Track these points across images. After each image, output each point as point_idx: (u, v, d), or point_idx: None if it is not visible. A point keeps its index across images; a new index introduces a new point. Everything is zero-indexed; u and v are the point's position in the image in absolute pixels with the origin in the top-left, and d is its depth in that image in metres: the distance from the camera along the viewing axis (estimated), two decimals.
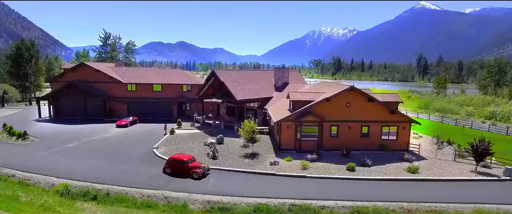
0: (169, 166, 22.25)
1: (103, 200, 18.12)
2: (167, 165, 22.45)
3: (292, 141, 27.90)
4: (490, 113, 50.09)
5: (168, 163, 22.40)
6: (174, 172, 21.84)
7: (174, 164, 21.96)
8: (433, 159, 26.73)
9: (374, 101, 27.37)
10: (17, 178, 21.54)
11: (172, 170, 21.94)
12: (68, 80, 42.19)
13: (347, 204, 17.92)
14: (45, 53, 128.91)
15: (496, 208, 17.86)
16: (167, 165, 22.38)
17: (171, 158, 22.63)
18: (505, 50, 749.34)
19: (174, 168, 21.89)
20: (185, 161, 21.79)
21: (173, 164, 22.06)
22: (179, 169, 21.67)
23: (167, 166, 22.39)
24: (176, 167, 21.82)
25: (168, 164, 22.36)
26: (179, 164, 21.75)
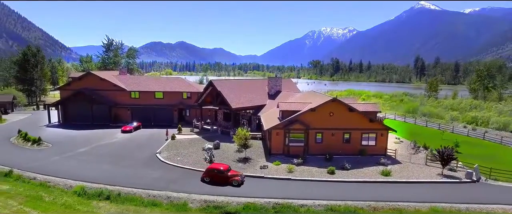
0: (207, 175, 23.92)
1: (115, 199, 21.24)
2: (205, 174, 24.10)
3: (281, 147, 31.03)
4: (472, 118, 53.20)
5: (206, 173, 24.05)
6: (213, 181, 23.58)
7: (213, 174, 23.72)
8: (407, 163, 29.85)
9: (354, 111, 30.46)
10: (38, 180, 24.64)
11: (211, 179, 23.67)
12: (75, 88, 45.31)
13: (323, 203, 21.03)
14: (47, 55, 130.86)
15: (449, 206, 20.98)
16: (206, 175, 24.03)
17: (209, 168, 24.33)
18: (504, 50, 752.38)
19: (213, 177, 23.65)
20: (224, 171, 23.66)
21: (211, 173, 23.81)
22: (218, 178, 23.50)
23: (205, 176, 24.04)
24: (216, 176, 23.60)
25: (207, 173, 24.03)
26: (219, 173, 23.57)
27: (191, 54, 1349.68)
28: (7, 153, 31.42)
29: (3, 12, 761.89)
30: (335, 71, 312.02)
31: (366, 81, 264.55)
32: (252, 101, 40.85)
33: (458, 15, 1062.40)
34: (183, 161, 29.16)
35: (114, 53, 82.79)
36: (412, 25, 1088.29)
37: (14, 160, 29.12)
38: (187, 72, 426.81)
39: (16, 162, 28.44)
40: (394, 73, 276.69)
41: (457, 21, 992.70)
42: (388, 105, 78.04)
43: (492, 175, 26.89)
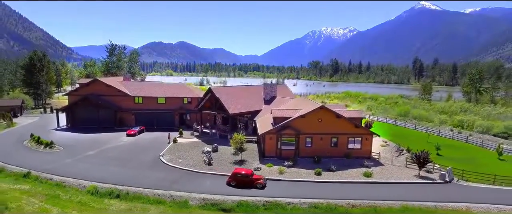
0: (233, 179, 25.88)
1: (124, 198, 24.04)
2: (231, 179, 26.08)
3: (274, 150, 33.81)
4: (459, 121, 55.86)
5: (232, 177, 26.00)
6: (238, 184, 25.66)
7: (239, 178, 25.75)
8: (389, 165, 32.61)
9: (341, 118, 33.22)
10: (54, 181, 27.46)
11: (237, 183, 25.71)
12: (83, 94, 48.16)
13: (308, 201, 23.80)
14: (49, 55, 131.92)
15: (419, 204, 23.74)
16: (231, 179, 26.01)
17: (234, 173, 26.18)
18: (504, 50, 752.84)
19: (238, 181, 25.69)
20: (249, 175, 25.79)
21: (237, 178, 25.81)
22: (244, 182, 25.58)
23: (231, 180, 26.02)
24: (241, 180, 25.65)
25: (232, 178, 25.98)
26: (244, 177, 25.70)
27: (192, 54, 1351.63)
28: (23, 156, 34.26)
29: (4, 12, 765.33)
30: (334, 72, 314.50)
31: (365, 82, 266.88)
32: (249, 106, 43.64)
33: (458, 15, 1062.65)
34: (184, 163, 31.96)
35: (117, 57, 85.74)
36: (413, 25, 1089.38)
37: (30, 162, 31.94)
38: (188, 73, 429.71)
39: (32, 164, 31.26)
40: (393, 74, 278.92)
41: (457, 21, 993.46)
42: (382, 108, 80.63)
43: (464, 176, 29.65)
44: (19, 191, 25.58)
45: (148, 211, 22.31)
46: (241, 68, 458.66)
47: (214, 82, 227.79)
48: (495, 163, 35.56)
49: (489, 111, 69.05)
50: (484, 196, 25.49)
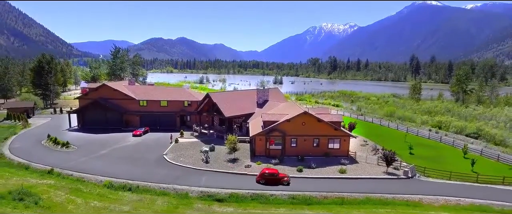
0: (262, 178, 29.85)
1: (135, 190, 28.88)
2: (260, 178, 30.04)
3: (263, 149, 38.60)
4: (438, 122, 60.53)
5: (261, 176, 30.00)
6: (267, 182, 29.65)
7: (267, 177, 29.86)
8: (363, 163, 37.39)
9: (322, 122, 37.92)
10: (75, 176, 32.31)
11: (266, 181, 29.69)
12: (92, 97, 52.90)
13: (287, 193, 28.60)
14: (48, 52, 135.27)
15: (379, 196, 28.55)
16: (260, 178, 29.98)
17: (262, 173, 30.17)
18: (504, 46, 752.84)
19: (267, 180, 29.76)
20: (276, 174, 29.94)
21: (266, 176, 29.86)
22: (272, 180, 29.66)
23: (260, 179, 29.97)
24: (270, 179, 29.74)
25: (261, 177, 29.97)
26: (272, 176, 29.88)
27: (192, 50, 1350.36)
28: (44, 155, 39.08)
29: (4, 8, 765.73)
30: (333, 69, 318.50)
31: (362, 79, 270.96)
32: (243, 110, 48.36)
33: (459, 10, 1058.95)
34: (184, 161, 36.79)
35: (120, 59, 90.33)
36: (413, 21, 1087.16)
37: (51, 160, 36.75)
38: (188, 70, 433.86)
39: (53, 162, 36.07)
40: (390, 71, 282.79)
41: (458, 16, 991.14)
42: (371, 108, 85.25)
43: (426, 173, 34.45)
44: (46, 185, 30.39)
45: (155, 201, 27.15)
46: (241, 65, 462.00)
47: (213, 80, 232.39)
48: (459, 161, 40.31)
49: (470, 111, 73.74)
50: (438, 190, 30.29)
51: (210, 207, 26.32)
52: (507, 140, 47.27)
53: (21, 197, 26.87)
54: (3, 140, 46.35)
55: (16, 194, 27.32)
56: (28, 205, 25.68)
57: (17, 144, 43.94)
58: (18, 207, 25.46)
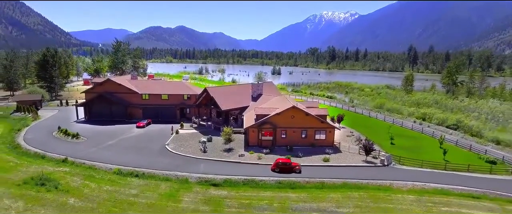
0: (277, 167, 33.46)
1: (142, 177, 32.89)
2: (274, 166, 33.62)
3: (256, 140, 42.49)
4: (422, 113, 64.24)
5: (276, 165, 33.59)
6: (281, 171, 33.38)
7: (281, 166, 33.60)
8: (346, 152, 41.34)
9: (309, 115, 41.64)
10: (87, 164, 36.27)
11: (280, 170, 33.39)
12: (98, 91, 56.44)
13: (275, 179, 32.61)
14: (47, 41, 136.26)
15: (355, 181, 32.56)
16: (275, 167, 33.54)
17: (277, 162, 33.87)
18: (505, 35, 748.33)
19: (281, 168, 33.47)
20: (289, 163, 33.83)
21: (280, 165, 33.53)
22: (286, 169, 33.40)
23: (275, 167, 33.55)
24: (283, 168, 33.47)
25: (276, 166, 33.56)
26: (285, 165, 33.60)
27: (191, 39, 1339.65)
28: (56, 145, 42.98)
29: None
30: (331, 59, 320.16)
31: (360, 70, 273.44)
32: (238, 103, 51.99)
33: None
34: (184, 151, 40.72)
35: (122, 53, 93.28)
36: (414, 9, 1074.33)
37: (64, 150, 40.65)
38: (187, 59, 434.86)
39: (66, 152, 39.97)
40: (388, 61, 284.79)
41: (460, 4, 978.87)
42: (362, 100, 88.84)
43: (401, 161, 38.44)
44: (63, 172, 34.39)
45: (159, 186, 31.18)
46: (240, 55, 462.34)
47: (212, 70, 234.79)
48: (435, 150, 44.21)
49: (457, 103, 77.40)
50: (408, 176, 34.30)
51: (207, 190, 30.37)
52: (482, 131, 51.08)
53: (43, 182, 30.92)
54: (16, 131, 50.18)
55: (38, 180, 31.38)
56: (49, 189, 29.74)
57: (31, 135, 47.77)
58: (41, 190, 29.53)
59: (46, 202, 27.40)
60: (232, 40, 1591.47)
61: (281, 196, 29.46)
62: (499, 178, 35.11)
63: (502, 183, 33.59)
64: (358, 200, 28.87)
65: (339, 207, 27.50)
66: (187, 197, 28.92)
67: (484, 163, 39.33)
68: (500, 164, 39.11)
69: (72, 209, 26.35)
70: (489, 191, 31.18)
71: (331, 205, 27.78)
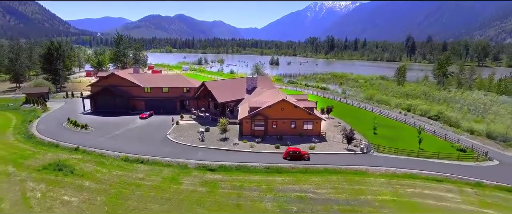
0: (288, 155, 37.42)
1: (146, 163, 37.18)
2: (286, 155, 37.62)
3: (249, 130, 46.62)
4: (408, 105, 68.14)
5: (287, 154, 37.58)
6: (292, 158, 37.44)
7: (291, 154, 37.59)
8: (331, 141, 45.52)
9: (297, 108, 45.59)
10: (97, 153, 40.52)
11: (291, 157, 37.41)
12: (103, 84, 60.23)
13: (264, 165, 36.89)
14: (45, 30, 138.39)
15: (335, 167, 36.83)
16: (286, 155, 37.53)
17: (288, 150, 37.90)
18: (507, 24, 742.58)
19: (292, 156, 37.50)
20: (298, 152, 37.88)
21: (291, 154, 37.58)
22: (296, 157, 37.52)
23: (286, 156, 37.51)
24: (294, 156, 37.49)
25: (287, 154, 37.55)
26: (296, 154, 37.68)
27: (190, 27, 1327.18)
28: (67, 135, 47.14)
29: None
30: (330, 49, 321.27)
31: (359, 59, 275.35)
32: (234, 96, 55.86)
33: None
34: (184, 140, 44.92)
35: (123, 46, 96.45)
36: None
37: (75, 140, 44.84)
38: (187, 49, 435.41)
39: (77, 141, 44.17)
40: (386, 51, 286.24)
41: None
42: (354, 91, 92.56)
43: (379, 149, 42.64)
44: (76, 159, 38.67)
45: (162, 171, 35.49)
46: (239, 44, 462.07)
47: (211, 60, 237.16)
48: (414, 139, 48.16)
49: (443, 95, 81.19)
50: (383, 162, 38.54)
51: (204, 175, 34.69)
52: (460, 122, 55.11)
53: (60, 168, 35.25)
54: (29, 122, 54.32)
55: (55, 166, 35.71)
56: (66, 174, 34.08)
57: (43, 126, 51.90)
58: (59, 175, 33.89)
59: (65, 185, 31.76)
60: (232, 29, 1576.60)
61: (268, 179, 33.82)
62: (464, 164, 39.42)
63: (466, 168, 37.92)
64: (335, 183, 33.21)
65: (318, 189, 31.84)
66: (186, 180, 33.27)
67: (455, 150, 43.54)
68: (469, 152, 43.35)
69: (89, 190, 30.73)
70: (452, 175, 35.50)
71: (311, 187, 32.12)
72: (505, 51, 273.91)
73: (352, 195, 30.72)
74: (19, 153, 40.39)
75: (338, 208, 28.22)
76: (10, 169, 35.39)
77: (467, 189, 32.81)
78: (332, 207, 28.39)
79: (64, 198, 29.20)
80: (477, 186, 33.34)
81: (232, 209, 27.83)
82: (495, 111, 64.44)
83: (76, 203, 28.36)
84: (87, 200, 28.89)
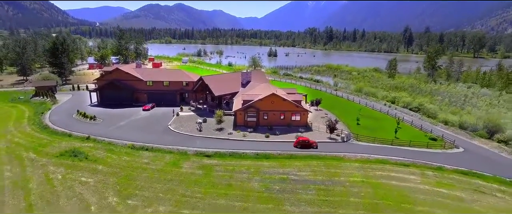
0: (298, 144, 42.35)
1: (150, 150, 42.23)
2: (296, 144, 42.51)
3: (243, 121, 51.52)
4: (393, 97, 72.77)
5: (297, 142, 42.56)
6: (302, 147, 42.23)
7: (302, 143, 42.50)
8: (316, 131, 50.46)
9: (286, 101, 50.34)
10: (106, 141, 45.54)
11: (301, 146, 42.31)
12: (108, 79, 64.83)
13: (254, 151, 41.93)
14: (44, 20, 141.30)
15: (317, 153, 41.88)
16: (297, 144, 42.46)
17: (299, 139, 42.86)
18: (509, 13, 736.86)
19: (302, 145, 42.36)
20: (307, 141, 42.78)
21: (301, 143, 42.51)
22: (305, 145, 42.38)
23: (296, 144, 42.42)
24: (304, 144, 42.32)
25: (297, 143, 42.50)
26: (305, 142, 42.50)
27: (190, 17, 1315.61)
28: (78, 126, 52.08)
29: None
30: (329, 39, 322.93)
31: (356, 51, 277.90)
32: (229, 89, 60.52)
33: None
34: (184, 130, 49.90)
35: (125, 41, 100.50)
36: None
37: (85, 130, 49.81)
38: (186, 40, 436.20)
39: (87, 131, 49.14)
40: (384, 42, 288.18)
41: None
42: (345, 83, 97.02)
43: (358, 138, 47.61)
44: (88, 147, 43.73)
45: (165, 157, 40.56)
46: (239, 34, 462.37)
47: (211, 52, 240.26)
48: (392, 129, 53.18)
49: (429, 88, 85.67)
50: (360, 149, 43.54)
51: (201, 160, 39.79)
52: (437, 113, 59.86)
53: (75, 154, 40.36)
54: (41, 114, 59.24)
55: (71, 152, 40.82)
56: (81, 159, 39.22)
57: (55, 117, 56.82)
58: (75, 160, 39.02)
59: (81, 168, 36.92)
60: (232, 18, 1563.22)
61: (257, 164, 38.92)
62: (432, 151, 44.46)
63: (433, 155, 42.98)
64: (315, 167, 38.30)
65: (299, 172, 36.96)
66: (186, 164, 38.39)
67: (427, 139, 48.50)
68: (439, 141, 48.32)
69: (102, 172, 35.89)
70: (418, 160, 40.56)
71: (294, 170, 37.24)
72: (502, 41, 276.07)
73: (327, 177, 35.84)
74: (37, 141, 45.47)
75: (314, 187, 33.37)
76: (31, 155, 40.52)
77: (428, 172, 37.90)
78: (309, 187, 33.53)
79: (82, 179, 34.38)
80: (438, 170, 38.43)
81: (224, 188, 32.99)
82: (474, 103, 69.11)
83: (92, 183, 33.54)
84: (102, 180, 34.07)
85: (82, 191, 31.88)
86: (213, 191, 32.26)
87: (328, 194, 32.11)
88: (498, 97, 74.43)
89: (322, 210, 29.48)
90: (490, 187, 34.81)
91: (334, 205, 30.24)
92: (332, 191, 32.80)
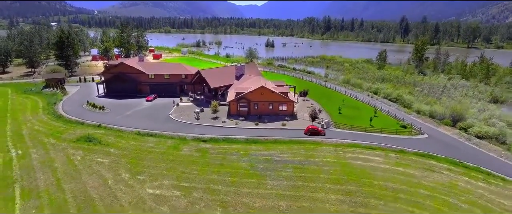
0: (308, 131, 48.50)
1: (154, 136, 48.73)
2: (306, 131, 48.63)
3: (235, 110, 57.86)
4: (376, 88, 78.78)
5: (307, 130, 48.59)
6: (312, 134, 48.26)
7: (311, 131, 48.52)
8: (301, 119, 56.85)
9: (274, 92, 56.52)
10: (115, 129, 51.98)
11: (311, 133, 48.29)
12: (114, 72, 70.80)
13: (244, 137, 48.42)
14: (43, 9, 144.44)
15: (299, 139, 48.33)
16: (307, 131, 48.58)
17: (308, 128, 48.82)
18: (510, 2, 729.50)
19: (311, 133, 48.41)
20: (316, 129, 48.98)
21: (311, 131, 48.52)
22: (315, 133, 48.40)
23: (306, 132, 48.61)
24: (313, 132, 48.37)
25: (307, 131, 48.57)
26: (314, 130, 48.48)
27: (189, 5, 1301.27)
28: (89, 115, 58.44)
29: None
30: (327, 29, 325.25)
31: (354, 40, 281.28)
32: (224, 82, 66.57)
33: None
34: (183, 119, 56.31)
35: (127, 34, 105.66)
36: None
37: (96, 118, 56.20)
38: (186, 29, 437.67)
39: (98, 119, 55.55)
40: (380, 32, 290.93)
41: None
42: (335, 75, 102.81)
43: (337, 125, 54.02)
44: (100, 133, 50.21)
45: (167, 141, 47.10)
46: (238, 24, 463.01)
47: (209, 42, 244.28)
48: (369, 117, 59.60)
49: (412, 79, 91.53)
50: (337, 136, 49.99)
51: (198, 144, 46.37)
52: (412, 104, 66.03)
53: (90, 139, 46.90)
54: (53, 104, 65.51)
55: (86, 138, 47.35)
56: (95, 144, 45.80)
57: (67, 107, 63.13)
58: (90, 145, 45.60)
59: (96, 151, 43.53)
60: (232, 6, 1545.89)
61: (246, 148, 45.49)
62: (399, 137, 50.92)
63: (399, 140, 49.46)
64: (295, 150, 44.86)
65: (281, 154, 43.55)
66: (185, 148, 44.97)
67: (398, 127, 54.91)
68: (409, 128, 54.73)
69: (114, 154, 42.52)
70: (384, 144, 47.07)
71: (277, 153, 43.82)
72: (498, 31, 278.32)
73: (305, 158, 42.45)
74: (55, 129, 51.96)
75: (292, 166, 40.02)
76: (52, 141, 47.07)
77: (391, 154, 44.48)
78: (288, 166, 40.17)
79: (98, 159, 41.04)
80: (400, 152, 45.00)
81: (217, 167, 39.66)
82: (450, 94, 75.22)
83: (107, 162, 40.21)
84: (115, 161, 40.73)
85: (99, 169, 38.56)
86: (207, 169, 38.94)
87: (303, 171, 38.75)
88: (474, 88, 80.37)
89: (296, 184, 36.16)
90: (441, 166, 41.44)
91: (306, 180, 36.91)
92: (307, 169, 39.44)
